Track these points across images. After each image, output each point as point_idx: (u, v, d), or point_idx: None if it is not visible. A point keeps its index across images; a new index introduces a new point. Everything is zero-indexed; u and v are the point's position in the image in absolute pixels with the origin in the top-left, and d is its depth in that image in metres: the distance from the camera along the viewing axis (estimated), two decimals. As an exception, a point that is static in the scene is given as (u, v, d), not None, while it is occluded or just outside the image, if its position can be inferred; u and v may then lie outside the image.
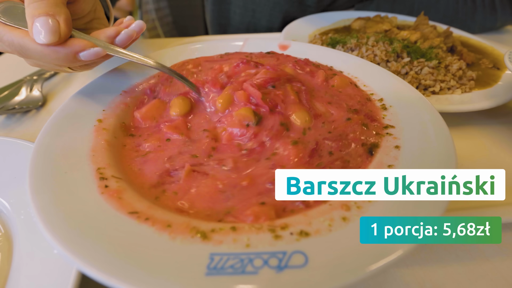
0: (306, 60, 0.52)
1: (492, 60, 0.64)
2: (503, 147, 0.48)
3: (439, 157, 0.30)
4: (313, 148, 0.34)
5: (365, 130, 0.36)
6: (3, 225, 0.33)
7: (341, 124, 0.37)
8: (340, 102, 0.41)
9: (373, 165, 0.32)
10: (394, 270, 0.32)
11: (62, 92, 0.64)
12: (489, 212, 0.36)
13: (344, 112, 0.39)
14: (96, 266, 0.21)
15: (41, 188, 0.27)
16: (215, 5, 1.04)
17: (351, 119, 0.37)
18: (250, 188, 0.30)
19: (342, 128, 0.36)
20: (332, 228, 0.25)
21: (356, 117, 0.37)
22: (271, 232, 0.25)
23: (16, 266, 0.29)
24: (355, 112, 0.39)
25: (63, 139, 0.34)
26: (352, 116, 0.37)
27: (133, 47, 0.83)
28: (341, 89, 0.44)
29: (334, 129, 0.36)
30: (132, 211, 0.27)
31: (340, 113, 0.39)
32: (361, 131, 0.35)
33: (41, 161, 0.30)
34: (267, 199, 0.29)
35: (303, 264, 0.21)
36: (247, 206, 0.28)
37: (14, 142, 0.41)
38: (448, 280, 0.31)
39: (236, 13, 1.02)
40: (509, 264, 0.32)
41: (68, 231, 0.23)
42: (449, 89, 0.55)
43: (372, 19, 0.80)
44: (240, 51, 0.58)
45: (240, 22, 1.03)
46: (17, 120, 0.55)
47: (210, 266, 0.21)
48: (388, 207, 0.26)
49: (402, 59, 0.58)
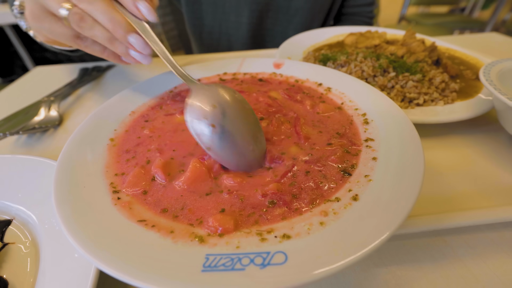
0: (297, 88, 0.56)
1: (475, 72, 0.68)
2: (484, 155, 0.51)
3: (410, 167, 0.33)
4: (286, 170, 0.37)
5: (345, 153, 0.39)
6: (30, 234, 0.38)
7: (322, 147, 0.41)
8: (323, 127, 0.45)
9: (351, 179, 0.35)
10: (374, 269, 0.36)
11: (77, 112, 0.70)
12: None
13: (326, 137, 0.43)
14: (111, 265, 0.25)
15: (64, 201, 0.32)
16: (188, 6, 1.12)
17: (332, 144, 0.41)
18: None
19: (322, 151, 0.40)
20: (310, 231, 0.29)
21: (337, 142, 0.41)
22: (258, 235, 0.29)
23: (42, 269, 0.33)
24: (338, 136, 0.43)
25: (81, 157, 0.39)
26: (334, 141, 0.42)
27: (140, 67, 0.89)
28: (327, 114, 0.49)
29: (316, 151, 0.40)
30: (140, 220, 0.32)
31: (322, 138, 0.43)
32: (341, 154, 0.39)
33: (63, 177, 0.35)
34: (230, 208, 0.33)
35: (283, 262, 0.26)
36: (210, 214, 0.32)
37: (36, 160, 0.47)
38: (423, 279, 0.34)
39: (208, 12, 1.10)
40: (479, 263, 0.35)
41: (88, 237, 0.28)
42: (433, 101, 0.59)
43: (363, 35, 0.85)
44: (237, 72, 0.63)
45: (213, 20, 1.11)
46: (37, 139, 0.61)
47: (205, 264, 0.26)
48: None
49: (388, 74, 0.62)
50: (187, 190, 0.36)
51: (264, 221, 0.31)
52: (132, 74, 0.86)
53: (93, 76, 0.84)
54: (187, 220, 0.32)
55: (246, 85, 0.58)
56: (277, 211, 0.32)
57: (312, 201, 0.33)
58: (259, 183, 0.36)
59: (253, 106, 0.50)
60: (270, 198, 0.33)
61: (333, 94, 0.54)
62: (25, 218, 0.40)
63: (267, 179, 0.37)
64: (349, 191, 0.33)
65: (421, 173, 0.32)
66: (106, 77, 0.86)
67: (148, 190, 0.36)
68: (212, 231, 0.30)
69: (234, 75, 0.62)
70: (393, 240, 0.38)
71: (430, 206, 0.42)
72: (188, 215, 0.33)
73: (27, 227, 0.39)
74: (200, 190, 0.36)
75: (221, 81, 0.61)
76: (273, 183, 0.35)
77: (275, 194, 0.33)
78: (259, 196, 0.34)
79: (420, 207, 0.41)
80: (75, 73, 0.87)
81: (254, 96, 0.53)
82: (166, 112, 0.51)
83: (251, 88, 0.57)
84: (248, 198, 0.34)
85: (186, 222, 0.32)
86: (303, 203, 0.33)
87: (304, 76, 0.60)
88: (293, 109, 0.49)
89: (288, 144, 0.42)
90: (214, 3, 1.07)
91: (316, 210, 0.32)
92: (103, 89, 0.80)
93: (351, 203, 0.31)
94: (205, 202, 0.34)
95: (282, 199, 0.33)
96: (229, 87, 0.42)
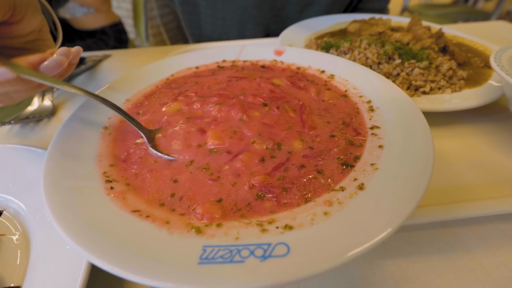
0: (300, 75, 0.54)
1: (483, 59, 0.66)
2: (493, 145, 0.49)
3: (418, 155, 0.32)
4: (279, 163, 0.35)
5: (349, 145, 0.37)
6: (21, 225, 0.37)
7: (324, 140, 0.38)
8: (330, 116, 0.43)
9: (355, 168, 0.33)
10: (379, 261, 0.34)
11: (71, 102, 0.68)
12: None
13: (331, 128, 0.40)
14: (103, 258, 0.24)
15: (54, 191, 0.30)
16: (185, 15, 1.06)
17: (335, 136, 0.38)
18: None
19: (325, 143, 0.37)
20: (314, 222, 0.27)
21: (340, 135, 0.38)
22: (259, 226, 0.27)
23: (33, 261, 0.32)
24: (344, 126, 0.40)
25: (72, 145, 0.37)
26: (337, 133, 0.39)
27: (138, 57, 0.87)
28: (332, 101, 0.46)
29: (318, 143, 0.38)
30: (134, 210, 0.30)
31: (325, 130, 0.40)
32: (344, 147, 0.36)
33: (53, 166, 0.33)
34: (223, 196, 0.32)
35: (285, 254, 0.24)
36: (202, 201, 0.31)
37: (28, 149, 0.45)
38: (430, 271, 0.33)
39: (207, 23, 1.03)
40: (489, 255, 0.34)
41: (79, 228, 0.26)
42: (440, 89, 0.57)
43: (367, 22, 0.82)
44: (237, 59, 0.61)
45: (212, 31, 1.05)
46: (30, 129, 0.59)
47: (202, 256, 0.24)
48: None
49: (393, 61, 0.60)
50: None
51: (251, 213, 0.30)
52: (128, 64, 0.84)
53: (88, 66, 0.82)
54: (174, 206, 0.31)
55: (247, 71, 0.56)
56: (266, 204, 0.30)
57: (303, 196, 0.31)
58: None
59: (255, 92, 0.47)
60: (258, 190, 0.32)
61: (336, 82, 0.51)
62: (16, 209, 0.38)
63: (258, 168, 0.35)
64: (355, 180, 0.31)
65: (431, 160, 0.30)
66: (102, 67, 0.84)
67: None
68: (199, 218, 0.29)
69: (233, 63, 0.60)
70: (399, 231, 0.37)
71: (438, 196, 0.40)
72: (179, 203, 0.31)
73: (17, 219, 0.38)
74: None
75: (219, 68, 0.58)
76: (263, 175, 0.33)
77: (264, 187, 0.32)
78: (246, 187, 0.32)
79: (427, 197, 0.39)
80: (70, 63, 0.85)
81: (256, 82, 0.50)
82: (160, 101, 0.49)
83: (253, 74, 0.54)
84: (236, 190, 0.32)
85: (171, 208, 0.31)
86: (293, 198, 0.31)
87: (306, 64, 0.58)
88: (298, 97, 0.47)
89: (290, 135, 0.40)
90: (213, 15, 1.00)
91: (320, 199, 0.30)
92: (98, 79, 0.78)
93: (356, 193, 0.30)
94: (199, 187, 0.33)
95: (271, 192, 0.31)
96: None
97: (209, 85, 0.51)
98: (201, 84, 0.52)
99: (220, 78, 0.53)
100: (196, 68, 0.59)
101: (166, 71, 0.57)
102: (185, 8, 1.04)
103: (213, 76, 0.55)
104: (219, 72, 0.57)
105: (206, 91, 0.49)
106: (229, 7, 0.97)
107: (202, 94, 0.47)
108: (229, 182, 0.33)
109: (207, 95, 0.47)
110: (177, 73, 0.57)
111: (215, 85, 0.51)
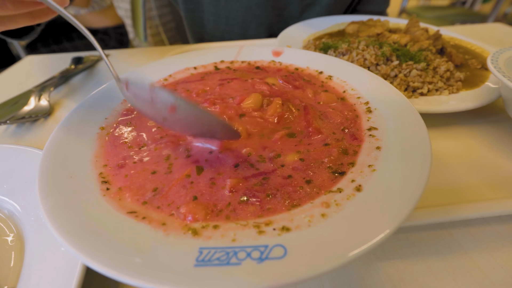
0: (296, 75, 0.54)
1: (480, 61, 0.66)
2: (490, 146, 0.49)
3: (416, 157, 0.32)
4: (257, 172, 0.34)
5: (341, 155, 0.36)
6: (16, 227, 0.36)
7: (317, 149, 0.37)
8: (327, 121, 0.42)
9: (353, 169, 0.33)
10: (377, 263, 0.34)
11: (68, 102, 0.67)
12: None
13: (328, 133, 0.39)
14: (98, 260, 0.23)
15: (48, 192, 0.30)
16: (188, 12, 1.05)
17: (330, 144, 0.37)
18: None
19: (318, 153, 0.36)
20: (311, 223, 0.27)
21: (334, 143, 0.37)
22: (256, 228, 0.27)
23: (27, 263, 0.32)
24: (342, 133, 0.39)
25: (68, 146, 0.37)
26: (331, 142, 0.38)
27: (136, 56, 0.86)
28: (330, 105, 0.46)
29: (309, 152, 0.36)
30: (130, 211, 0.30)
31: (321, 136, 0.39)
32: (337, 156, 0.35)
33: (48, 167, 0.33)
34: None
35: (282, 256, 0.24)
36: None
37: (24, 149, 0.44)
38: (428, 272, 0.33)
39: (210, 21, 1.03)
40: (486, 257, 0.34)
41: (74, 230, 0.26)
42: (437, 91, 0.57)
43: (365, 23, 0.82)
44: (235, 60, 0.61)
45: (215, 30, 1.04)
46: (26, 129, 0.58)
47: (199, 258, 0.24)
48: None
49: (391, 62, 0.60)
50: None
51: (236, 216, 0.29)
52: (127, 64, 0.84)
53: (85, 65, 0.82)
54: (158, 204, 0.31)
55: (240, 73, 0.56)
56: (250, 208, 0.30)
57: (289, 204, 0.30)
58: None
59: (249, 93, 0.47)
60: (241, 194, 0.31)
61: (334, 83, 0.51)
62: (10, 210, 0.38)
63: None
64: (352, 181, 0.31)
65: (428, 162, 0.30)
66: (99, 67, 0.83)
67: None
68: (182, 218, 0.29)
69: (231, 63, 0.60)
70: (397, 232, 0.37)
71: (435, 198, 0.40)
72: (161, 200, 0.31)
73: (12, 220, 0.37)
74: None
75: (215, 70, 0.58)
76: (240, 178, 0.33)
77: (248, 190, 0.31)
78: (226, 191, 0.32)
79: (424, 199, 0.39)
80: (67, 63, 0.84)
81: (249, 83, 0.50)
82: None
83: (246, 75, 0.54)
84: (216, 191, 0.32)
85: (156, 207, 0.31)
86: (278, 204, 0.30)
87: (304, 64, 0.58)
88: (295, 96, 0.47)
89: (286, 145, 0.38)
90: (216, 13, 1.00)
91: (317, 201, 0.30)
92: (95, 78, 0.77)
93: (354, 194, 0.29)
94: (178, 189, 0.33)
95: (255, 196, 0.31)
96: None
97: (197, 92, 0.50)
98: (191, 91, 0.51)
99: (211, 83, 0.52)
100: (194, 69, 0.58)
101: (164, 71, 0.57)
102: (188, 5, 1.04)
103: (202, 81, 0.53)
104: (208, 77, 0.55)
105: (195, 99, 0.48)
106: (232, 5, 0.97)
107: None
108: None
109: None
110: (175, 73, 0.57)
111: (203, 92, 0.50)
